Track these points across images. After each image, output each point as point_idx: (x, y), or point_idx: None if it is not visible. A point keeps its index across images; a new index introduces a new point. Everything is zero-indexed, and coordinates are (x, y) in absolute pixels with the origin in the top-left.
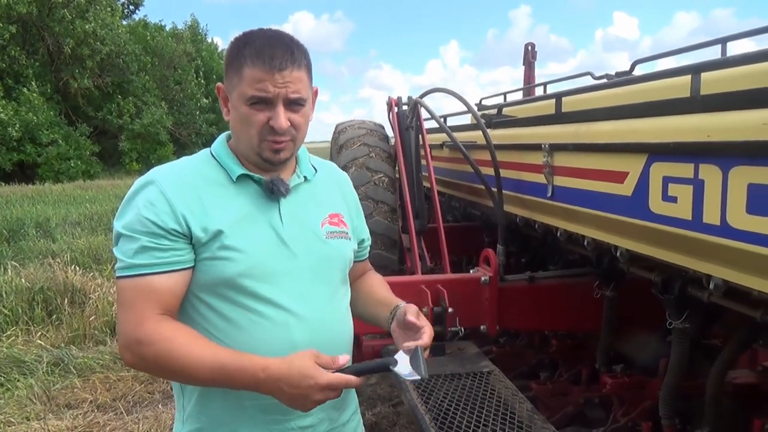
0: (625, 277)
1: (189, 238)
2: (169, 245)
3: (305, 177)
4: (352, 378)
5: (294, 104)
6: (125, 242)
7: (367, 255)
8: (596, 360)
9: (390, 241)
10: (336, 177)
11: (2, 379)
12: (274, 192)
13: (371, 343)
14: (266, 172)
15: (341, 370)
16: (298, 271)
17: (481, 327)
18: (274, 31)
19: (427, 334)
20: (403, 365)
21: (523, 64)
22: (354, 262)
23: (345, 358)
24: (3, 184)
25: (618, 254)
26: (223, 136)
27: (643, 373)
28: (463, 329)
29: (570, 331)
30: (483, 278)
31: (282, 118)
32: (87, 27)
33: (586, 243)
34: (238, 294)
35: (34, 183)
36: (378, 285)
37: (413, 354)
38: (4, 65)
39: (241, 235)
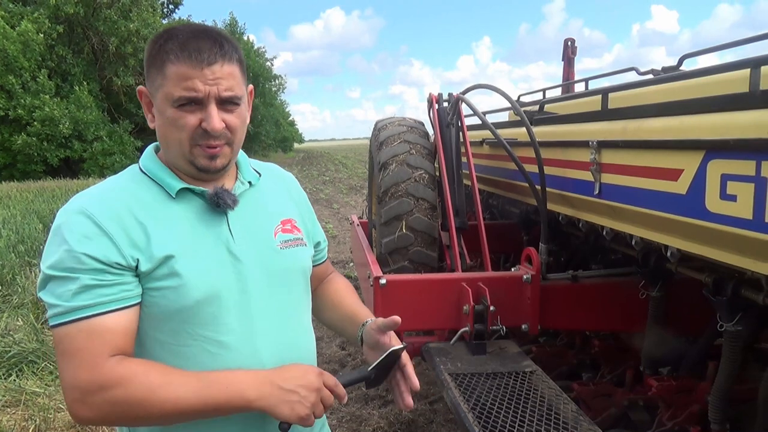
0: (673, 277)
1: (135, 270)
2: (114, 280)
3: (250, 182)
4: (341, 387)
5: (228, 103)
6: (58, 285)
7: (326, 257)
8: (641, 362)
9: (429, 239)
10: (282, 178)
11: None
12: (220, 205)
13: (412, 339)
14: (206, 182)
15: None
16: (256, 287)
17: (523, 326)
18: (200, 25)
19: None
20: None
21: (562, 60)
22: (312, 267)
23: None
24: (50, 178)
25: (668, 254)
26: (150, 149)
27: (691, 376)
28: (504, 328)
29: (613, 332)
30: (525, 277)
31: (215, 118)
32: (131, 26)
33: (633, 242)
34: (195, 325)
35: (78, 178)
36: (344, 292)
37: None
38: (53, 64)
39: (192, 259)
